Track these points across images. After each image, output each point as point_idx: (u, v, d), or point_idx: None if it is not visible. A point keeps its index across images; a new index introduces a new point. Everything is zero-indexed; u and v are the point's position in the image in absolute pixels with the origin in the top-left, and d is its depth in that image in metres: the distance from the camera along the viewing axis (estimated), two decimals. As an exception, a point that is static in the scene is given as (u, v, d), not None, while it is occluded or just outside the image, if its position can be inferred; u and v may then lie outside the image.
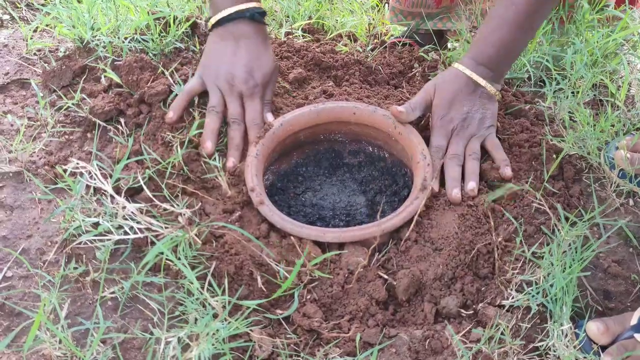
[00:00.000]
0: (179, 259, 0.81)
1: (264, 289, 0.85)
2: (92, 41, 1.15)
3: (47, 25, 1.23)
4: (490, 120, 1.04)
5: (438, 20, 1.44)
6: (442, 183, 0.99)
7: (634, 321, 0.79)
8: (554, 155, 1.01)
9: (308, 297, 0.85)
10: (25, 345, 0.71)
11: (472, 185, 0.97)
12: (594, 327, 0.79)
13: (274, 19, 1.44)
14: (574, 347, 0.77)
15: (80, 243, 0.86)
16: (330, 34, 1.40)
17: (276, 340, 0.80)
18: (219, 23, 1.04)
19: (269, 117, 1.04)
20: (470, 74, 1.03)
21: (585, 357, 0.77)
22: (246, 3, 1.04)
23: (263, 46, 1.06)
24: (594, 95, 1.14)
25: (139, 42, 1.15)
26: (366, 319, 0.84)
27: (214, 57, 1.04)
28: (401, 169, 1.08)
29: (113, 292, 0.83)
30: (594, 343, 0.79)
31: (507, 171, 0.98)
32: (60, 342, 0.76)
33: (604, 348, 0.78)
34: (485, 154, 1.03)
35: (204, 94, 1.04)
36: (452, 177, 0.98)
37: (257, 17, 1.05)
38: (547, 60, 1.18)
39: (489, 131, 1.04)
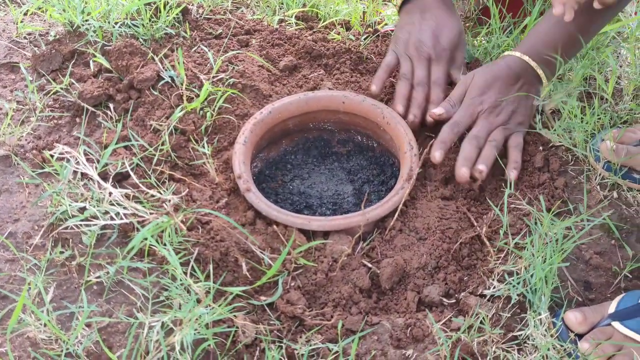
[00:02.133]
0: (165, 245, 0.82)
1: (249, 276, 0.85)
2: (83, 25, 1.14)
3: (39, 9, 1.23)
4: (522, 116, 1.02)
5: None
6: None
7: (611, 309, 0.81)
8: (541, 148, 1.02)
9: (292, 284, 0.86)
10: (8, 327, 0.72)
11: (482, 167, 0.94)
12: (571, 317, 0.80)
13: (268, 6, 1.44)
14: (551, 335, 0.79)
15: (66, 227, 0.86)
16: (323, 22, 1.40)
17: (259, 326, 0.81)
18: (406, 1, 1.14)
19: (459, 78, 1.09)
20: (521, 55, 1.02)
21: (562, 346, 0.78)
22: None
23: (447, 14, 1.12)
24: (584, 87, 1.14)
25: (130, 27, 1.15)
26: (349, 306, 0.85)
27: (403, 30, 1.12)
28: (389, 159, 1.09)
29: (99, 277, 0.83)
30: (571, 332, 0.80)
31: (512, 174, 0.96)
32: (45, 325, 0.77)
33: (581, 337, 0.79)
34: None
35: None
36: (465, 156, 0.96)
37: None
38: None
39: (518, 128, 1.01)
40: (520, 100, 1.01)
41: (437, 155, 0.96)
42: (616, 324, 0.78)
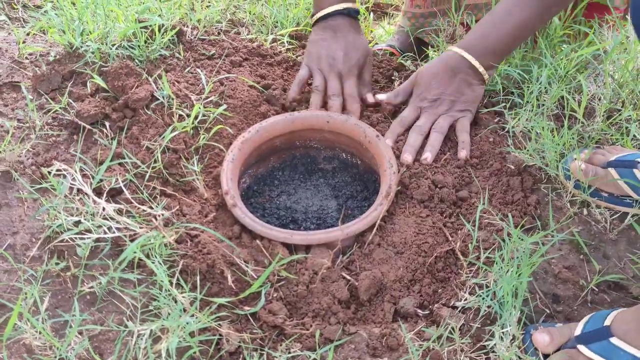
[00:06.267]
0: (155, 257, 0.87)
1: (234, 287, 0.90)
2: (82, 47, 1.20)
3: (40, 29, 1.28)
4: (463, 104, 1.14)
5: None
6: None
7: (577, 332, 0.83)
8: (514, 167, 1.07)
9: (275, 295, 0.91)
10: (5, 335, 0.76)
11: (426, 155, 1.08)
12: (539, 338, 0.83)
13: (263, 24, 1.49)
14: (518, 347, 0.83)
15: (62, 240, 0.91)
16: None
17: (243, 334, 0.86)
18: (321, 19, 1.24)
19: (369, 97, 1.22)
20: (460, 51, 1.13)
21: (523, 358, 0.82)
22: (344, 3, 1.23)
23: (357, 35, 1.25)
24: (560, 109, 1.19)
25: (126, 48, 1.21)
26: (328, 317, 0.90)
27: (317, 46, 1.23)
28: (372, 176, 1.14)
29: (91, 287, 0.88)
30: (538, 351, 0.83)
31: (462, 154, 1.09)
32: (39, 332, 0.82)
33: (547, 357, 0.83)
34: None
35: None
36: (409, 144, 1.10)
37: (352, 13, 1.25)
38: (518, 73, 1.23)
39: (461, 114, 1.14)
40: (460, 90, 1.13)
41: (405, 156, 1.08)
42: (581, 348, 0.80)
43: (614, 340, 0.79)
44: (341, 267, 0.95)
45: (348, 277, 0.94)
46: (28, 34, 1.30)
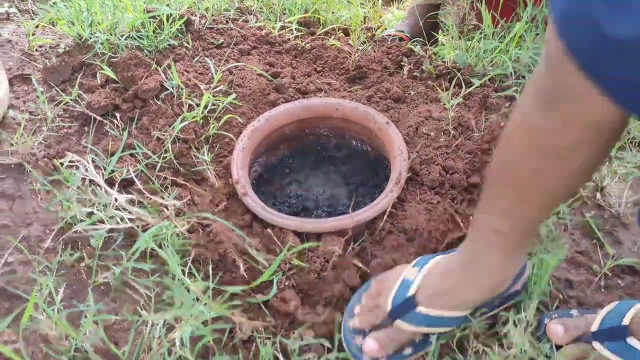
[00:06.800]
0: (168, 247, 0.87)
1: (246, 276, 0.91)
2: (91, 38, 1.20)
3: (49, 21, 1.29)
4: None
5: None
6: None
7: (594, 328, 0.81)
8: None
9: (287, 283, 0.91)
10: (21, 325, 0.78)
11: None
12: (553, 329, 0.82)
13: (271, 12, 1.48)
14: (531, 333, 0.83)
15: (76, 231, 0.92)
16: (323, 29, 1.45)
17: (255, 323, 0.86)
18: None
19: None
20: None
21: (536, 346, 0.82)
22: None
23: None
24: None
25: (135, 39, 1.21)
26: (340, 304, 0.90)
27: None
28: (382, 162, 1.13)
29: (105, 277, 0.89)
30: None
31: None
32: (55, 323, 0.83)
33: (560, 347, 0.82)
34: None
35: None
36: None
37: None
38: (529, 56, 1.22)
39: None
40: None
41: None
42: (597, 345, 0.79)
43: (630, 340, 0.77)
44: (352, 255, 0.95)
45: (359, 265, 0.94)
46: (37, 26, 1.30)
